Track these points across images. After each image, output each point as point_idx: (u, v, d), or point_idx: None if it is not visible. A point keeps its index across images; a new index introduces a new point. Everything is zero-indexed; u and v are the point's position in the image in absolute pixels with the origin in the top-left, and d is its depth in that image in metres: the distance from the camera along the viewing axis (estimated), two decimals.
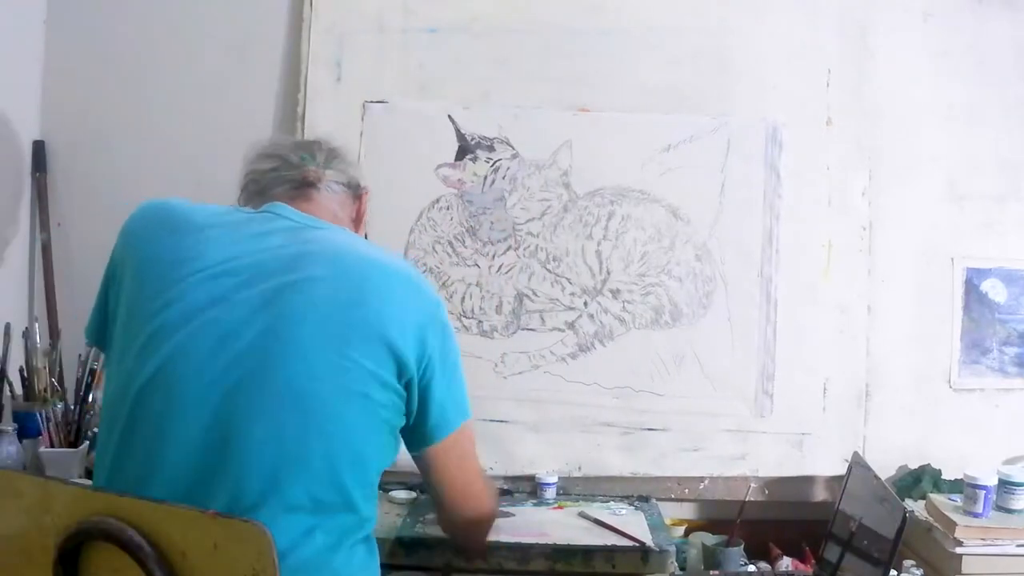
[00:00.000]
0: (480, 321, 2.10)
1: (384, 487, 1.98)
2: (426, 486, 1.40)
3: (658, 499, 2.08)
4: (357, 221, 1.42)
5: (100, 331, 1.26)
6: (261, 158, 1.37)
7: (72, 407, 1.85)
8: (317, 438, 1.13)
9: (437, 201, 2.10)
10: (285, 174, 1.34)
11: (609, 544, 1.76)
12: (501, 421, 2.09)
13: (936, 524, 1.83)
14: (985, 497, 1.78)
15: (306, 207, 1.32)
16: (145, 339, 1.15)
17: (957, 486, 1.90)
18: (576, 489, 2.10)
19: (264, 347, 1.13)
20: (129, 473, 1.13)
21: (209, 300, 1.15)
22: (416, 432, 1.27)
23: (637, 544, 1.76)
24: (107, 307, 1.24)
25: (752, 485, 2.08)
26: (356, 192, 1.42)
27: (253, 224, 1.24)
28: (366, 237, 1.47)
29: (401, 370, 1.19)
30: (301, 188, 1.34)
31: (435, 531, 1.77)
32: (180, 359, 1.13)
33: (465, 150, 2.11)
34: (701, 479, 2.12)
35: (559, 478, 2.08)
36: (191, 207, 1.26)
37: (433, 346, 1.22)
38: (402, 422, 1.24)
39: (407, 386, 1.21)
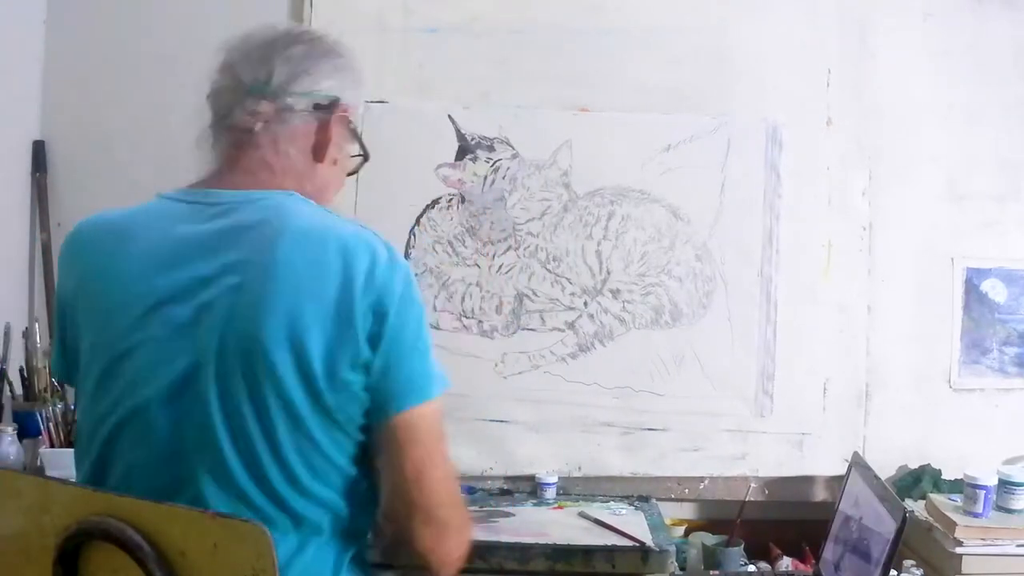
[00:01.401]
0: (480, 321, 2.09)
1: None
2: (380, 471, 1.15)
3: (658, 499, 2.08)
4: (319, 149, 1.20)
5: (64, 367, 1.20)
6: (221, 70, 1.20)
7: (72, 407, 1.84)
8: (267, 448, 1.06)
9: (437, 201, 2.10)
10: (230, 103, 1.17)
11: (609, 544, 1.77)
12: (501, 421, 2.09)
13: (936, 524, 1.83)
14: (985, 497, 1.78)
15: (244, 171, 1.17)
16: (104, 366, 1.11)
17: (957, 486, 1.90)
18: (576, 489, 2.10)
19: (225, 359, 1.05)
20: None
21: (158, 314, 1.09)
22: (370, 409, 1.10)
23: (637, 544, 1.76)
24: (66, 343, 1.18)
25: (752, 485, 2.08)
26: (327, 110, 1.20)
27: (184, 219, 1.13)
28: (335, 163, 1.24)
29: (353, 354, 1.06)
30: (241, 135, 1.17)
31: None
32: (143, 384, 1.08)
33: (465, 150, 2.11)
34: (701, 479, 2.12)
35: (559, 478, 2.08)
36: (117, 216, 1.17)
37: (387, 314, 1.07)
38: (362, 406, 1.10)
39: (366, 368, 1.07)
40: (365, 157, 1.29)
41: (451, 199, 2.10)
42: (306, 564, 1.09)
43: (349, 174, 1.32)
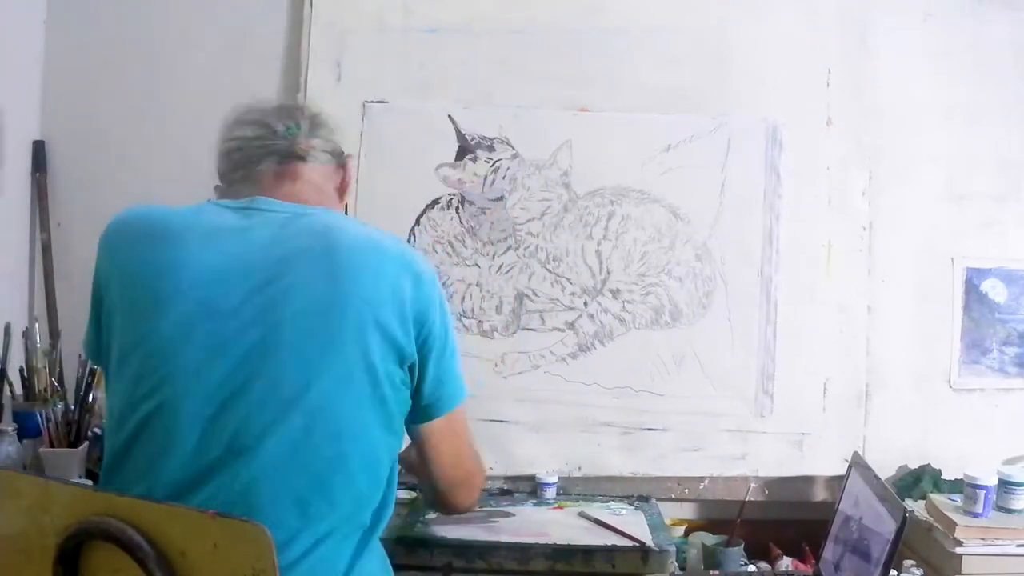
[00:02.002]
0: (480, 321, 2.09)
1: None
2: (416, 454, 1.34)
3: (658, 499, 2.08)
4: (342, 191, 1.36)
5: (98, 349, 1.23)
6: (243, 124, 1.30)
7: (72, 407, 1.84)
8: (328, 445, 1.12)
9: (437, 201, 2.10)
10: (271, 143, 1.28)
11: (609, 544, 1.76)
12: (501, 421, 2.09)
13: (936, 524, 1.83)
14: (985, 497, 1.78)
15: (291, 189, 1.26)
16: (141, 357, 1.13)
17: (957, 486, 1.90)
18: (576, 489, 2.10)
19: (262, 360, 1.11)
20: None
21: (200, 312, 1.12)
22: (414, 408, 1.25)
23: (637, 544, 1.76)
24: (101, 323, 1.21)
25: (752, 485, 2.08)
26: (340, 160, 1.35)
27: (234, 223, 1.19)
28: (346, 210, 1.43)
29: (403, 357, 1.17)
30: (289, 161, 1.28)
31: (435, 531, 1.77)
32: (177, 378, 1.11)
33: (465, 150, 2.11)
34: (701, 479, 2.12)
35: (559, 478, 2.08)
36: (167, 212, 1.21)
37: (431, 324, 1.20)
38: (409, 405, 1.23)
39: (410, 369, 1.20)
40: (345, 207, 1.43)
41: (451, 199, 2.10)
42: (328, 550, 1.12)
43: None
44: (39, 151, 2.15)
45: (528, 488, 2.09)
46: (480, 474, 1.45)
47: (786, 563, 1.95)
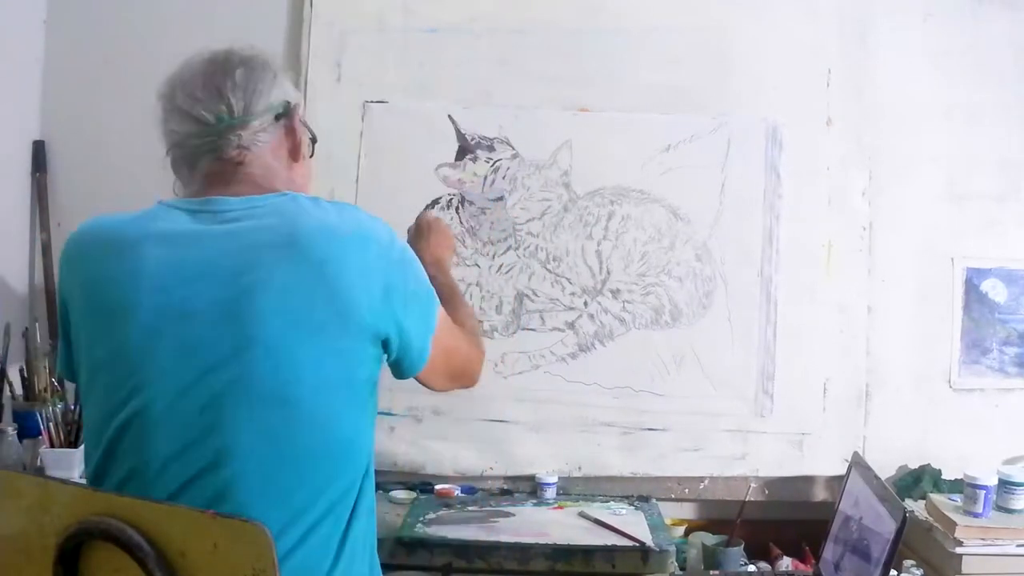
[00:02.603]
0: (480, 321, 2.09)
1: (384, 487, 1.98)
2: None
3: (658, 499, 2.08)
4: (295, 152, 1.28)
5: (69, 365, 1.22)
6: (175, 114, 1.23)
7: (72, 407, 1.84)
8: (307, 436, 1.12)
9: (437, 201, 2.10)
10: (207, 141, 1.22)
11: (609, 544, 1.77)
12: (501, 421, 2.09)
13: (936, 524, 1.83)
14: (985, 497, 1.78)
15: (238, 181, 1.22)
16: (111, 369, 1.12)
17: (957, 486, 1.90)
18: (576, 489, 2.10)
19: (233, 357, 1.09)
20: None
21: (165, 317, 1.11)
22: (400, 365, 1.24)
23: (637, 544, 1.76)
24: (70, 339, 1.20)
25: (752, 485, 2.08)
26: (286, 119, 1.27)
27: (188, 226, 1.17)
28: (303, 157, 1.31)
29: (375, 334, 1.16)
30: (228, 156, 1.22)
31: (435, 531, 1.78)
32: (149, 385, 1.10)
33: (465, 150, 2.11)
34: (701, 479, 2.12)
35: (559, 478, 2.08)
36: (120, 221, 1.19)
37: (396, 292, 1.17)
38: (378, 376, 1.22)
39: (384, 344, 1.19)
40: (314, 139, 1.35)
41: (451, 199, 2.10)
42: (318, 541, 1.12)
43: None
44: (39, 151, 2.15)
45: (528, 488, 2.09)
46: (478, 358, 1.43)
47: (786, 563, 1.95)
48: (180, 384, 1.09)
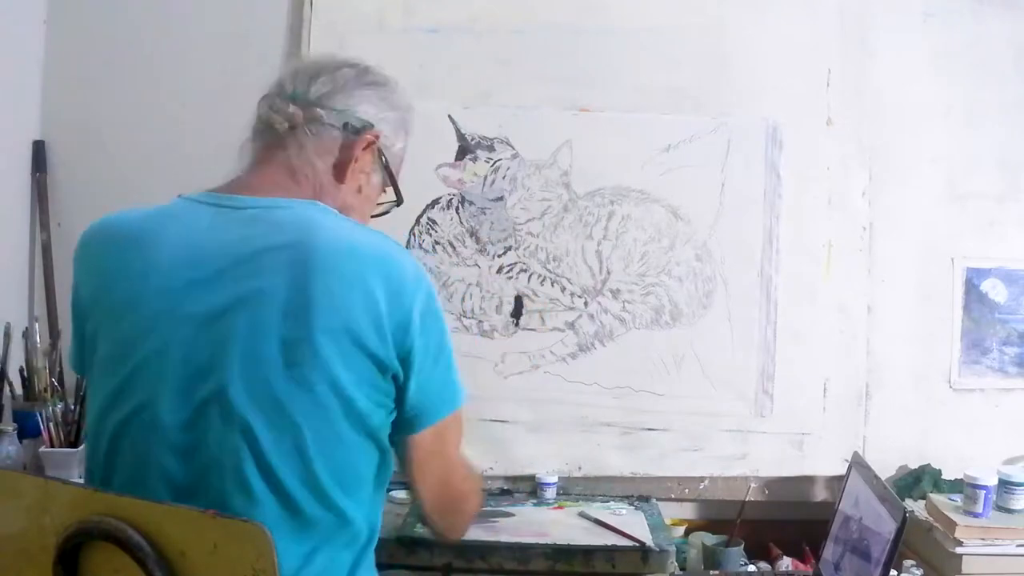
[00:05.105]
0: (480, 321, 2.09)
1: None
2: (403, 473, 1.22)
3: (658, 499, 2.08)
4: (341, 168, 1.21)
5: (81, 361, 1.21)
6: (275, 82, 1.23)
7: (72, 407, 1.84)
8: (295, 458, 1.07)
9: (437, 201, 2.10)
10: (274, 105, 1.21)
11: (609, 544, 1.77)
12: (501, 421, 2.09)
13: (936, 524, 1.83)
14: (985, 497, 1.78)
15: (273, 173, 1.18)
16: (116, 367, 1.11)
17: (957, 486, 1.90)
18: (576, 489, 2.10)
19: (229, 368, 1.06)
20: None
21: (171, 318, 1.09)
22: (398, 419, 1.15)
23: (637, 544, 1.76)
24: (82, 335, 1.19)
25: (752, 485, 2.08)
26: (351, 134, 1.21)
27: (205, 222, 1.14)
28: (359, 191, 1.26)
29: (382, 367, 1.09)
30: (272, 139, 1.20)
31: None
32: (151, 386, 1.09)
33: (465, 150, 2.11)
34: (701, 479, 2.12)
35: (559, 478, 2.08)
36: (136, 217, 1.17)
37: (413, 332, 1.10)
38: (392, 417, 1.15)
39: (394, 379, 1.12)
40: (398, 201, 1.32)
41: (451, 199, 2.10)
42: (317, 571, 1.09)
43: (378, 215, 1.34)
44: (39, 151, 2.15)
45: (528, 488, 2.09)
46: (474, 499, 1.32)
47: (786, 563, 1.95)
48: (179, 387, 1.08)
